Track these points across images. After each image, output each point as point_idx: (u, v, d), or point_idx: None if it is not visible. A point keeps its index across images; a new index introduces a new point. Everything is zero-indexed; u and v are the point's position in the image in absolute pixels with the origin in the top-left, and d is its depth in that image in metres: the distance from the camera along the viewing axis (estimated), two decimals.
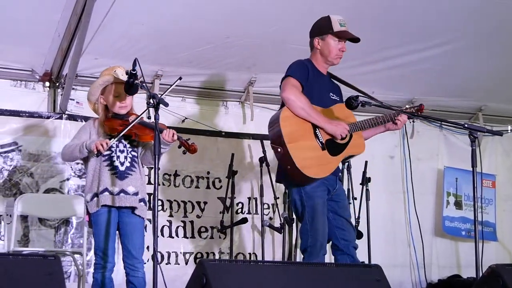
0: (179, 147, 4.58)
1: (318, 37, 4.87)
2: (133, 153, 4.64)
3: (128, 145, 4.63)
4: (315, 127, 4.74)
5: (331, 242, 4.86)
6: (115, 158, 4.57)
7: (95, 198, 4.52)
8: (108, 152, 4.55)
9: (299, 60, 4.90)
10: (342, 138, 4.76)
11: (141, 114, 4.49)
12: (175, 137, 4.53)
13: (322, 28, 4.86)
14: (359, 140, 4.89)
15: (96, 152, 4.37)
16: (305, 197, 4.75)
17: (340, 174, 5.13)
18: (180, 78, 4.47)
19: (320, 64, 4.91)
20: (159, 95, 4.25)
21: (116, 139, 4.48)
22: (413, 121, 4.72)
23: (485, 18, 5.92)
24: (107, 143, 4.38)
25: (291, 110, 4.74)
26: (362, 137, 4.92)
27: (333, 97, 4.92)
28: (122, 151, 4.61)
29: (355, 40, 4.84)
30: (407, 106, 5.07)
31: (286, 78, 4.80)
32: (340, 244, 4.81)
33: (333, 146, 4.76)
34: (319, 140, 4.74)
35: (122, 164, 4.58)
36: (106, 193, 4.51)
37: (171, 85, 4.43)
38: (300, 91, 4.76)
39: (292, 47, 6.07)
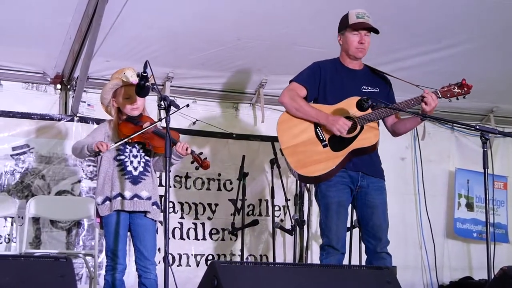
0: (192, 162, 4.58)
1: (339, 34, 4.86)
2: (146, 157, 4.66)
3: (141, 150, 4.64)
4: (316, 125, 4.72)
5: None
6: (128, 163, 4.58)
7: (107, 202, 4.54)
8: (121, 157, 4.58)
9: (314, 62, 4.90)
10: (350, 132, 4.63)
11: (155, 123, 4.53)
12: (189, 151, 4.55)
13: (341, 24, 4.85)
14: (370, 132, 4.69)
15: (96, 151, 4.35)
16: (320, 195, 4.74)
17: (372, 169, 4.79)
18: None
19: (346, 60, 4.87)
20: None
21: (119, 143, 4.48)
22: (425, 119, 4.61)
23: (496, 19, 5.89)
24: (107, 145, 4.37)
25: (288, 113, 4.79)
26: (375, 129, 4.73)
27: (367, 90, 4.79)
28: (135, 156, 4.62)
29: (373, 30, 4.76)
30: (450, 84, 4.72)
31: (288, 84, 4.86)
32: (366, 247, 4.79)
33: (339, 142, 4.66)
34: (319, 137, 4.71)
35: (135, 169, 4.59)
36: (119, 198, 4.52)
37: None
38: (298, 93, 4.78)
39: (303, 49, 6.08)
